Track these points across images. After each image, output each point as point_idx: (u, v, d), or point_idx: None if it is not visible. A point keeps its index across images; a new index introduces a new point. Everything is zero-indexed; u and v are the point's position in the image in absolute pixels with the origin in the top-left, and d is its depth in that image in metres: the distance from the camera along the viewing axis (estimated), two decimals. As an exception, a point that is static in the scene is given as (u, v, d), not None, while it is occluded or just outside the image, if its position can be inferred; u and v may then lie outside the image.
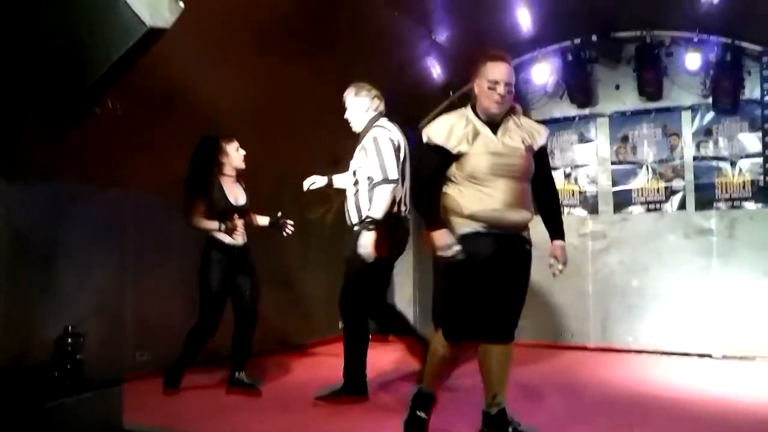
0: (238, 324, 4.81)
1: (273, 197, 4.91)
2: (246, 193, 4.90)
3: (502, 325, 3.50)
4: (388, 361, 5.81)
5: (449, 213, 3.46)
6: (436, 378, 3.69)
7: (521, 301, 3.55)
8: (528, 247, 3.52)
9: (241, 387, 4.77)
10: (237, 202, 4.81)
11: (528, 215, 3.49)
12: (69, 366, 3.60)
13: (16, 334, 4.41)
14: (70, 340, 3.63)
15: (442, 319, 3.53)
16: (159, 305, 5.37)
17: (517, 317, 3.56)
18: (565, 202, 7.09)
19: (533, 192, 3.56)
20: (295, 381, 5.40)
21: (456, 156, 3.42)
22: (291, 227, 4.99)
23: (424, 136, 3.50)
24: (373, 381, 4.79)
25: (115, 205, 5.16)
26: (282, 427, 4.08)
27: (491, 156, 3.39)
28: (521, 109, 3.76)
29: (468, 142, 3.40)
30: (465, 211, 3.39)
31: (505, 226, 3.41)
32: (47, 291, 4.66)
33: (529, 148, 3.49)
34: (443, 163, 3.46)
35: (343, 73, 4.87)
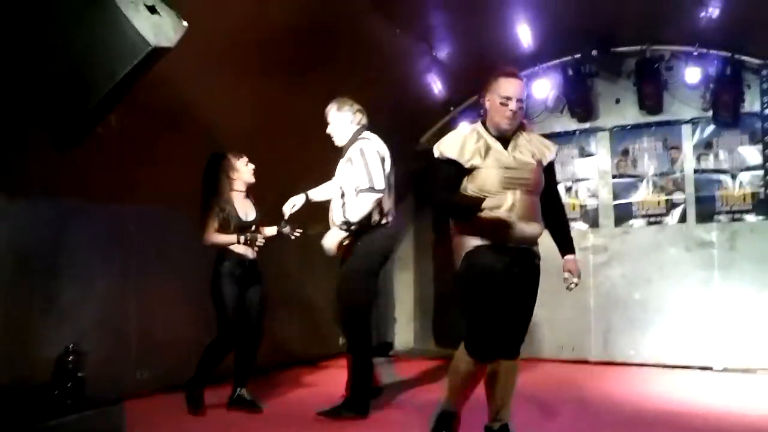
0: (242, 338, 4.78)
1: (276, 211, 4.91)
2: (255, 207, 4.91)
3: (512, 340, 3.49)
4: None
5: (461, 226, 3.45)
6: (460, 395, 3.58)
7: (530, 316, 3.54)
8: (537, 262, 3.52)
9: (243, 405, 4.72)
10: (247, 217, 4.82)
11: (539, 228, 3.49)
12: (70, 384, 3.59)
13: (17, 352, 4.40)
14: (71, 358, 3.61)
15: (466, 334, 3.45)
16: (162, 322, 5.35)
17: (525, 332, 3.55)
18: (566, 215, 7.10)
19: (541, 207, 3.56)
20: (298, 397, 5.38)
21: (469, 170, 3.42)
22: (298, 231, 4.96)
23: (436, 152, 3.49)
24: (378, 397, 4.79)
25: (117, 221, 5.16)
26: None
27: (503, 170, 3.38)
28: (530, 125, 3.77)
29: (481, 156, 3.40)
30: (478, 224, 3.37)
31: (518, 240, 3.41)
32: (49, 308, 4.65)
33: (539, 163, 3.50)
34: (457, 176, 3.44)
35: (346, 89, 4.89)
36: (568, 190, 7.19)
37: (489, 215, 3.29)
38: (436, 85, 6.81)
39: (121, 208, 5.13)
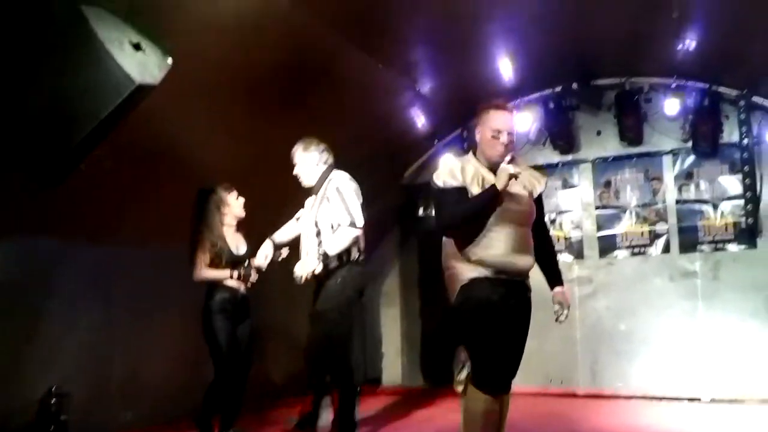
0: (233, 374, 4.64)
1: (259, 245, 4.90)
2: (245, 241, 4.88)
3: (511, 372, 3.44)
4: (380, 408, 5.73)
5: (455, 258, 3.41)
6: None
7: (523, 348, 3.49)
8: (529, 294, 3.50)
9: None
10: (238, 251, 4.78)
11: (532, 261, 3.46)
12: (53, 427, 3.53)
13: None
14: (54, 400, 3.56)
15: (475, 371, 3.35)
16: (147, 361, 5.28)
17: (519, 365, 3.49)
18: (550, 247, 7.12)
19: None
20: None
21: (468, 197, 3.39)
22: (255, 276, 4.83)
23: (438, 182, 3.42)
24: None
25: (102, 260, 5.11)
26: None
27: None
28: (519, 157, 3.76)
29: (478, 186, 3.38)
30: (473, 257, 3.33)
31: (512, 272, 3.38)
32: (32, 349, 4.57)
33: (530, 195, 3.51)
34: (464, 199, 3.39)
35: (329, 124, 4.92)
36: (552, 221, 7.21)
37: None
38: (419, 120, 6.85)
39: (106, 246, 5.07)
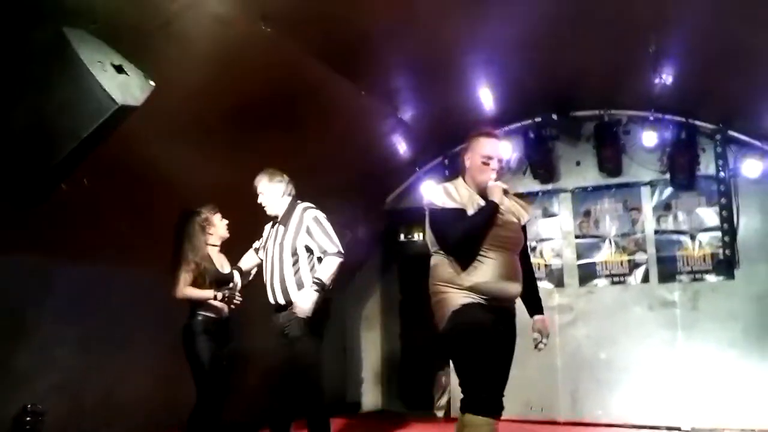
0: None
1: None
2: (229, 262, 4.87)
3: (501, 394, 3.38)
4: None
5: (445, 284, 3.38)
6: None
7: (508, 373, 3.47)
8: (515, 320, 3.48)
9: None
10: (223, 270, 4.78)
11: (520, 287, 3.46)
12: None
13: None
14: (28, 418, 3.51)
15: (470, 397, 3.28)
16: (123, 380, 5.21)
17: (504, 389, 3.43)
18: (531, 275, 7.15)
19: None
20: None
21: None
22: (239, 298, 4.85)
23: (438, 203, 3.43)
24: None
25: (80, 278, 5.06)
26: None
27: (490, 228, 3.38)
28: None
29: (473, 207, 3.41)
30: (465, 283, 3.32)
31: (502, 298, 3.38)
32: (7, 365, 4.50)
33: (518, 222, 3.54)
34: (464, 219, 3.39)
35: (312, 151, 4.94)
36: (533, 249, 7.25)
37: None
38: (401, 146, 6.90)
39: (85, 266, 5.04)
